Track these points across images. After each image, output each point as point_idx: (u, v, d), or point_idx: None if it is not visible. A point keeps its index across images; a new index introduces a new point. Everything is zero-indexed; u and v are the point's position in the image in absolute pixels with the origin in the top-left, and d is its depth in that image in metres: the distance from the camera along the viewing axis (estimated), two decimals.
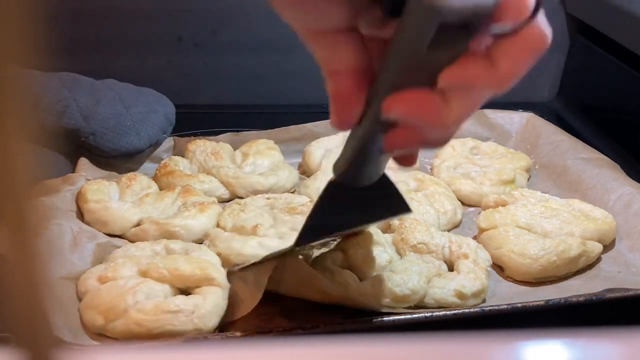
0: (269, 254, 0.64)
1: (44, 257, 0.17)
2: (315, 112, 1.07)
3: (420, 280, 0.65)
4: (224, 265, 0.69)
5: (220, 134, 0.97)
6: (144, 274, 0.64)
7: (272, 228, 0.73)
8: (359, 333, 0.59)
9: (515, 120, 1.01)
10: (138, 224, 0.77)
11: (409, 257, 0.69)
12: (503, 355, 0.23)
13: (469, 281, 0.66)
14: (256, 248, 0.70)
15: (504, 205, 0.78)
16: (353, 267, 0.68)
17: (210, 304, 0.62)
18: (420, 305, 0.65)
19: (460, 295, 0.65)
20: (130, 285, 0.62)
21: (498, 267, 0.73)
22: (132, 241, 0.75)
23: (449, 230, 0.80)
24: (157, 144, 0.92)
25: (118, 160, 0.89)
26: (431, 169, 0.94)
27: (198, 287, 0.64)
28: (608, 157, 0.88)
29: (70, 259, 0.69)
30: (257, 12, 1.11)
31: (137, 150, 0.89)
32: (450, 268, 0.70)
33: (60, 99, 0.82)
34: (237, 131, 0.98)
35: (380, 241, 0.70)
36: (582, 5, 1.10)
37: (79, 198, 0.79)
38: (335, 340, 0.56)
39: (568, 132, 0.97)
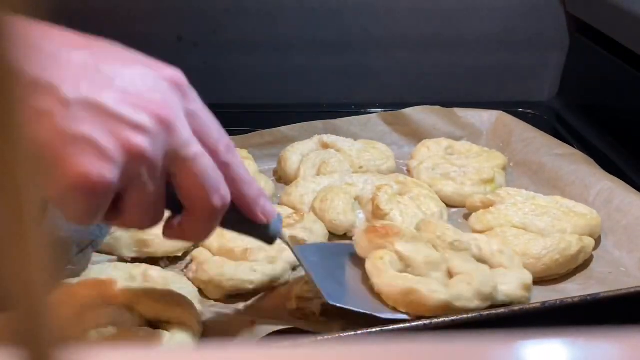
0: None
1: (44, 255, 0.17)
2: (314, 111, 1.06)
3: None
4: (212, 291, 0.68)
5: None
6: (114, 298, 0.61)
7: (262, 250, 0.70)
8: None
9: (485, 118, 1.01)
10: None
11: (460, 255, 0.67)
12: (502, 354, 0.23)
13: (524, 273, 0.66)
14: (249, 273, 0.68)
15: (491, 205, 0.77)
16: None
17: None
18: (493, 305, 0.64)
19: (527, 287, 0.65)
20: (96, 308, 0.59)
21: None
22: (105, 251, 0.72)
23: None
24: None
25: None
26: (408, 171, 0.92)
27: (168, 322, 0.61)
28: (609, 156, 0.88)
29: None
30: (257, 11, 1.11)
31: None
32: None
33: None
34: None
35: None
36: (582, 4, 1.10)
37: None
38: (335, 341, 0.56)
39: (568, 131, 0.97)
